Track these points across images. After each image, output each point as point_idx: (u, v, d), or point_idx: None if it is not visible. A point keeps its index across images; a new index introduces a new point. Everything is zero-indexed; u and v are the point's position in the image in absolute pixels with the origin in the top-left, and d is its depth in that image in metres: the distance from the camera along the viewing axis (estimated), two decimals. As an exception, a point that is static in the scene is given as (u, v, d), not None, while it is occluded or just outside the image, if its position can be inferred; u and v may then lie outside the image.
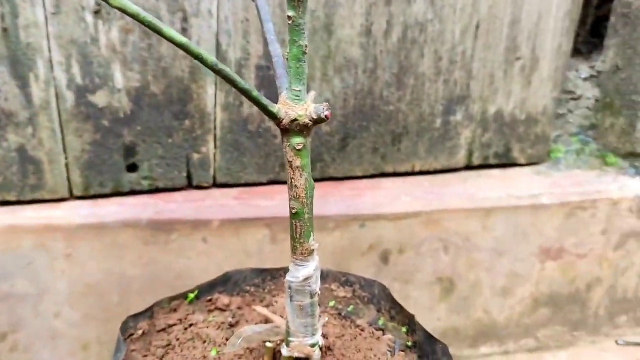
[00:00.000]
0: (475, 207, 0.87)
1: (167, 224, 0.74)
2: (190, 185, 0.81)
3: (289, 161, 0.37)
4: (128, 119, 0.74)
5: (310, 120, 0.35)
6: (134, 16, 0.32)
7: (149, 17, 0.32)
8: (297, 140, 0.36)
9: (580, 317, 0.99)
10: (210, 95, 0.77)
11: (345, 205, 0.82)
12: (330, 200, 0.83)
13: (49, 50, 0.69)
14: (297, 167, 0.36)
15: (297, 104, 0.35)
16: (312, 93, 0.37)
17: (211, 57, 0.33)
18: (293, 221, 0.38)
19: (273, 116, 0.36)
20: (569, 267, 0.96)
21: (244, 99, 0.79)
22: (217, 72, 0.33)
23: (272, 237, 0.79)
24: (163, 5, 0.71)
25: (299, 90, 0.36)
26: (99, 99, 0.72)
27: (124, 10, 0.31)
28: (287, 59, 0.35)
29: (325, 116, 0.35)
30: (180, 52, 0.73)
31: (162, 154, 0.77)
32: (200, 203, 0.77)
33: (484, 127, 0.94)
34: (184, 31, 0.72)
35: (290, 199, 0.38)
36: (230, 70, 0.34)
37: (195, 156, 0.79)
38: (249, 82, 0.78)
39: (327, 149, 0.86)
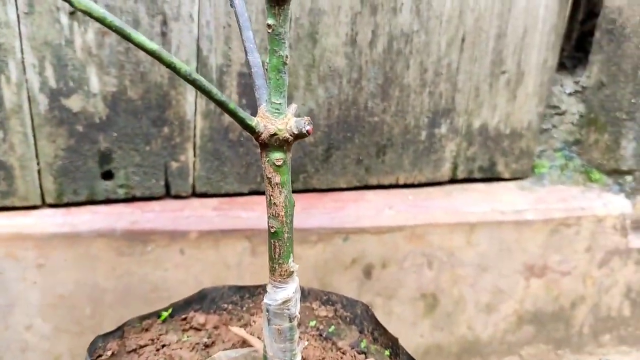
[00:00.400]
0: (459, 221, 0.85)
1: (143, 234, 0.72)
2: (168, 194, 0.78)
3: (267, 177, 0.34)
4: (104, 124, 0.71)
5: (290, 135, 0.33)
6: (100, 20, 0.30)
7: (117, 22, 0.30)
8: (277, 156, 0.34)
9: (565, 335, 0.97)
10: (191, 102, 0.74)
11: (329, 218, 0.80)
12: (313, 212, 0.81)
13: (22, 52, 0.66)
14: (277, 184, 0.34)
15: (277, 118, 0.33)
16: (294, 106, 0.35)
17: (185, 66, 0.31)
18: (272, 241, 0.36)
19: (251, 130, 0.33)
20: (553, 285, 0.95)
21: (225, 107, 0.77)
22: (192, 82, 0.31)
23: (252, 250, 0.77)
24: (142, 8, 0.69)
25: (279, 103, 0.33)
26: (74, 103, 0.69)
27: (89, 14, 0.29)
28: (266, 69, 0.33)
29: (307, 131, 0.33)
30: (161, 57, 0.71)
31: (139, 161, 0.75)
32: (178, 213, 0.75)
33: (469, 140, 0.93)
34: (163, 35, 0.70)
35: (269, 217, 0.36)
36: (205, 81, 0.32)
37: (174, 165, 0.77)
38: (230, 90, 0.76)
39: (311, 159, 0.84)
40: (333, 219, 0.80)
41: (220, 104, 0.32)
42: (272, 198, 0.35)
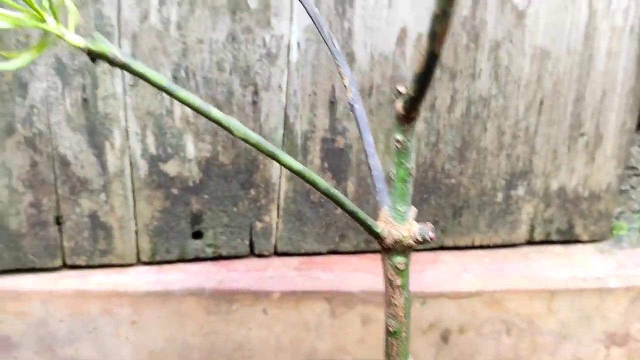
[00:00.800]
0: (539, 288, 0.84)
1: (229, 294, 0.74)
2: (252, 253, 0.81)
3: (389, 279, 0.36)
4: (197, 187, 0.75)
5: (414, 242, 0.35)
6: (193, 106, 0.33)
7: (199, 102, 0.33)
8: (399, 260, 0.35)
9: (651, 407, 0.93)
10: (276, 166, 0.78)
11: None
12: (391, 274, 0.81)
13: (126, 121, 0.71)
14: (398, 286, 0.36)
15: (401, 224, 0.35)
16: (414, 210, 0.36)
17: (324, 183, 0.33)
18: (389, 339, 0.37)
19: (376, 235, 0.35)
20: (635, 354, 0.91)
21: (308, 170, 0.79)
22: (330, 196, 0.34)
23: (331, 312, 0.78)
24: (236, 80, 0.73)
25: (404, 211, 0.35)
26: (171, 168, 0.74)
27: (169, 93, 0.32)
28: (393, 179, 0.35)
29: (430, 238, 0.35)
30: (249, 124, 0.75)
31: (227, 222, 0.78)
32: (262, 273, 0.77)
33: (547, 202, 0.92)
34: (254, 104, 0.74)
35: (387, 317, 0.37)
36: (340, 194, 0.34)
37: (259, 225, 0.80)
38: (314, 154, 0.79)
39: (388, 221, 0.85)
40: (411, 282, 0.81)
41: (351, 213, 0.34)
42: (392, 299, 0.36)
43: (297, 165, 0.36)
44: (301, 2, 0.42)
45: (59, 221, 0.74)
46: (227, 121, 0.34)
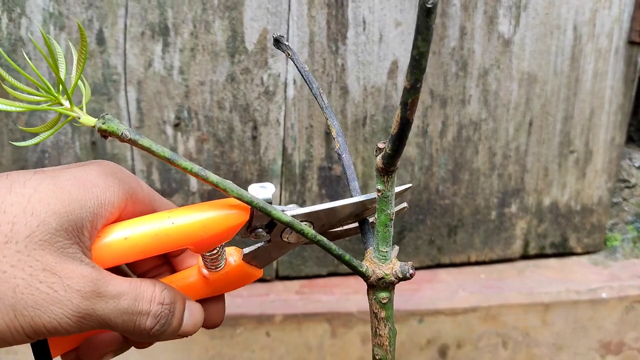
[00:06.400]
0: (534, 302, 0.87)
1: (233, 318, 0.78)
2: (254, 278, 0.84)
3: (374, 312, 0.40)
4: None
5: (395, 279, 0.38)
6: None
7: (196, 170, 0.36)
8: (383, 295, 0.39)
9: (646, 414, 0.96)
10: (276, 195, 0.81)
11: (404, 300, 0.84)
12: (389, 294, 0.85)
13: (132, 160, 0.75)
14: (382, 318, 0.40)
15: (384, 263, 0.39)
16: (396, 249, 0.40)
17: (312, 231, 0.37)
18: None
19: (362, 275, 0.39)
20: (631, 361, 0.94)
21: (305, 197, 0.83)
22: (317, 242, 0.37)
23: (332, 332, 0.81)
24: (236, 117, 0.77)
25: (386, 252, 0.39)
26: (175, 201, 0.78)
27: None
28: (375, 224, 0.39)
29: (411, 274, 0.38)
30: (249, 157, 0.79)
31: (230, 250, 0.82)
32: (264, 298, 0.81)
33: (540, 218, 0.95)
34: (254, 139, 0.78)
35: (374, 346, 0.41)
36: (327, 241, 0.38)
37: (261, 252, 0.83)
38: (312, 182, 0.83)
39: (385, 243, 0.88)
40: (408, 301, 0.84)
41: (339, 257, 0.38)
42: (377, 330, 0.40)
43: (285, 217, 0.40)
44: (292, 60, 0.46)
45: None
46: (224, 184, 0.38)
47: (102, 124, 0.35)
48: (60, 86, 0.35)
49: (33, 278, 0.31)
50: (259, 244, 0.41)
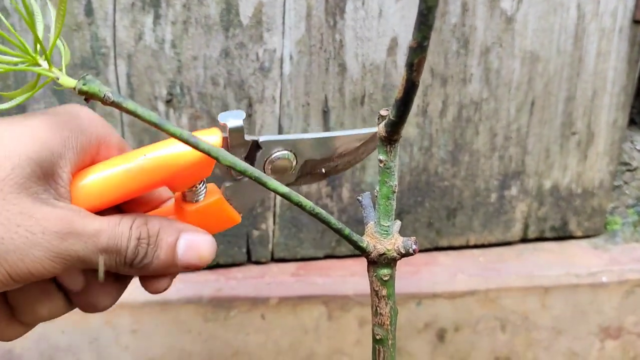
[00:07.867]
0: (533, 285, 0.86)
1: (227, 301, 0.76)
2: (249, 260, 0.83)
3: (374, 290, 0.38)
4: (194, 199, 0.77)
5: (398, 254, 0.36)
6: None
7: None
8: (384, 272, 0.37)
9: (644, 399, 0.95)
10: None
11: (402, 283, 0.83)
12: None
13: (123, 136, 0.73)
14: (383, 296, 0.38)
15: (385, 238, 0.37)
16: (398, 223, 0.38)
17: (309, 202, 0.35)
18: (376, 346, 0.39)
19: (362, 250, 0.37)
20: (629, 346, 0.93)
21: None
22: (315, 215, 0.36)
23: (328, 315, 0.80)
24: (230, 93, 0.74)
25: (388, 226, 0.37)
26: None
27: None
28: (376, 196, 0.37)
29: (414, 250, 0.37)
30: (245, 135, 0.76)
31: (224, 231, 0.80)
32: (259, 280, 0.79)
33: (540, 201, 0.93)
34: (249, 116, 0.76)
35: (374, 325, 0.39)
36: (325, 213, 0.36)
37: (255, 233, 0.81)
38: (308, 162, 0.80)
39: (383, 225, 0.87)
40: (406, 284, 0.83)
41: (338, 231, 0.36)
42: (378, 308, 0.38)
43: (282, 188, 0.38)
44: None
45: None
46: (216, 152, 0.36)
47: (83, 84, 0.33)
48: (38, 45, 0.33)
49: (11, 222, 0.31)
50: (239, 178, 0.41)
